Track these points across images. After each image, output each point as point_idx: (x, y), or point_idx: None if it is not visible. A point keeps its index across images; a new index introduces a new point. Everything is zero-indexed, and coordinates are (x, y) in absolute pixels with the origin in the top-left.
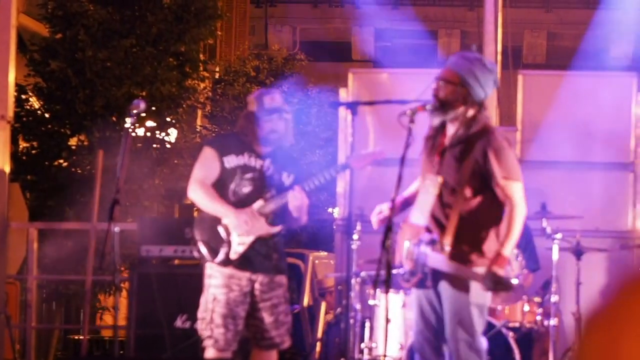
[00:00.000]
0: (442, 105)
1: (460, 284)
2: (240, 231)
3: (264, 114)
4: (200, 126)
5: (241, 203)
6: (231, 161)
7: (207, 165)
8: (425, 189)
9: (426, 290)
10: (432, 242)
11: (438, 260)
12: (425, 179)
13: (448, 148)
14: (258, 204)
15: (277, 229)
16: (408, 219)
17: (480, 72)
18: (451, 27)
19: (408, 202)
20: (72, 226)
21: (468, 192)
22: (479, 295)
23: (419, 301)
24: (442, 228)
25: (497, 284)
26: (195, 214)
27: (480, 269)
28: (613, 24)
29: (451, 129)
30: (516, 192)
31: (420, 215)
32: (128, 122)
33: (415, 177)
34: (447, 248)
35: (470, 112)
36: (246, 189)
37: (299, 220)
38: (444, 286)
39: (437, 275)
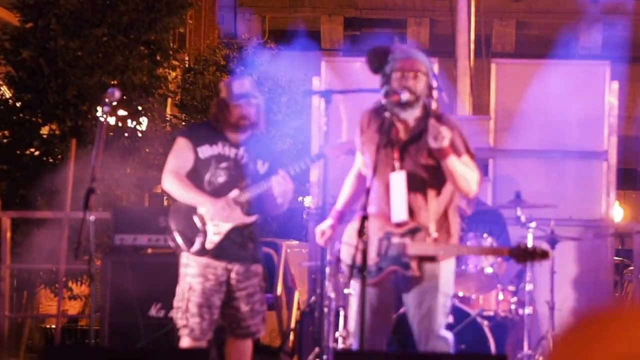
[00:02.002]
0: (417, 98)
1: (431, 272)
2: (219, 218)
3: (233, 99)
4: (171, 115)
5: (217, 193)
6: (205, 151)
7: (181, 156)
8: (394, 186)
9: (377, 288)
10: (413, 231)
11: (426, 247)
12: (391, 177)
13: (409, 141)
14: (234, 193)
15: (252, 218)
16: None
17: (429, 60)
18: (420, 15)
19: (350, 204)
20: (46, 215)
21: (437, 178)
22: (446, 283)
23: (369, 298)
24: (421, 216)
25: (530, 254)
26: (165, 202)
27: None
28: (582, 13)
29: (407, 122)
30: (477, 171)
31: (401, 212)
32: (102, 111)
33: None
34: (435, 234)
35: (427, 103)
36: (221, 178)
37: (281, 207)
38: (411, 276)
39: (418, 265)
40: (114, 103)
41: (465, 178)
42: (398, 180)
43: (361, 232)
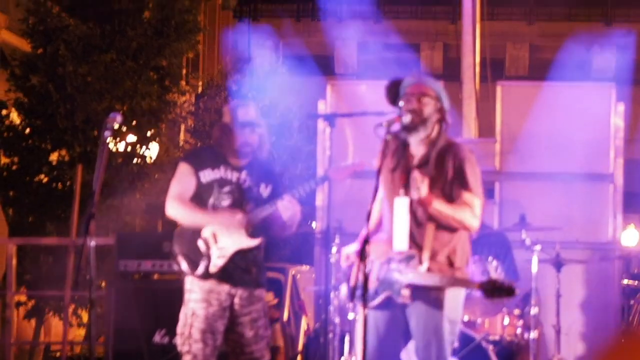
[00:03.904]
0: (424, 121)
1: (435, 299)
2: (228, 228)
3: (237, 127)
4: (183, 140)
5: None
6: (207, 175)
7: (183, 181)
8: (397, 212)
9: (386, 312)
10: (407, 259)
11: (417, 275)
12: (394, 202)
13: (417, 166)
14: (238, 217)
15: (256, 241)
16: (376, 238)
17: (441, 86)
18: (433, 40)
19: (376, 228)
20: (51, 242)
21: None
22: (453, 310)
23: (375, 322)
24: (418, 244)
25: (497, 290)
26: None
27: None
28: (595, 36)
29: (418, 147)
30: (476, 207)
31: (400, 239)
32: (105, 135)
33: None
34: (426, 263)
35: (438, 128)
36: (225, 202)
37: (290, 229)
38: (417, 305)
39: (411, 293)
40: (120, 128)
41: (455, 219)
42: (401, 206)
43: (362, 255)
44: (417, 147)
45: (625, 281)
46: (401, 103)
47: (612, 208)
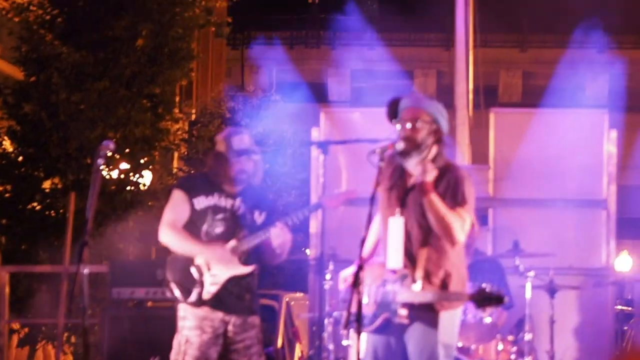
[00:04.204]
0: (417, 147)
1: (429, 321)
2: (219, 262)
3: (232, 155)
4: (177, 168)
5: (214, 243)
6: (201, 202)
7: (176, 208)
8: (392, 231)
9: (384, 336)
10: (402, 278)
11: (411, 294)
12: (389, 221)
13: (413, 188)
14: (231, 243)
15: (250, 268)
16: (371, 262)
17: (440, 107)
18: (427, 67)
19: (374, 250)
20: (44, 269)
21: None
22: (447, 333)
23: (374, 346)
24: (413, 263)
25: (487, 300)
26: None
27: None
28: (588, 63)
29: (416, 167)
30: (467, 223)
31: (395, 258)
32: (98, 163)
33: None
34: (419, 282)
35: (435, 150)
36: (219, 229)
37: (280, 257)
38: (414, 325)
39: (408, 313)
40: (112, 155)
41: (445, 221)
42: (395, 225)
43: (355, 282)
44: (415, 167)
45: (619, 307)
46: (398, 126)
47: (606, 234)
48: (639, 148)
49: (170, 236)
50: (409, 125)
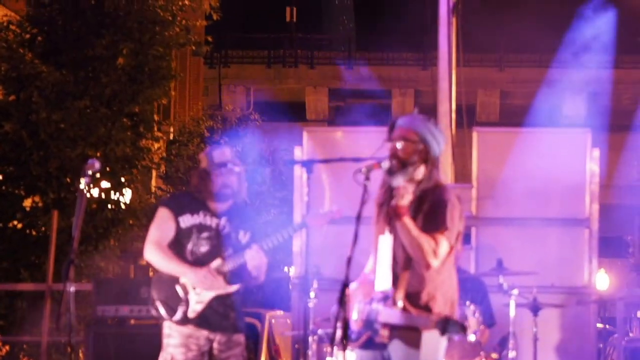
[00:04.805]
0: (403, 165)
1: (412, 341)
2: (202, 286)
3: (214, 169)
4: (155, 187)
5: (199, 262)
6: (187, 221)
7: (162, 226)
8: (381, 250)
9: (370, 352)
10: (385, 298)
11: (390, 314)
12: (379, 240)
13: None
14: (216, 262)
15: (235, 287)
16: (361, 281)
17: (434, 128)
18: (405, 86)
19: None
20: (27, 287)
21: None
22: (430, 354)
23: None
24: (396, 283)
25: (450, 326)
26: (151, 274)
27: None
28: (566, 82)
29: (406, 186)
30: (442, 247)
31: (384, 279)
32: (83, 182)
33: (371, 235)
34: (400, 303)
35: (423, 170)
36: (204, 248)
37: (257, 279)
38: (395, 344)
39: (389, 333)
40: (95, 174)
41: (418, 245)
42: (384, 244)
43: (341, 300)
44: (404, 187)
45: (599, 325)
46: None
47: (588, 252)
48: (623, 167)
49: (155, 255)
50: (396, 144)
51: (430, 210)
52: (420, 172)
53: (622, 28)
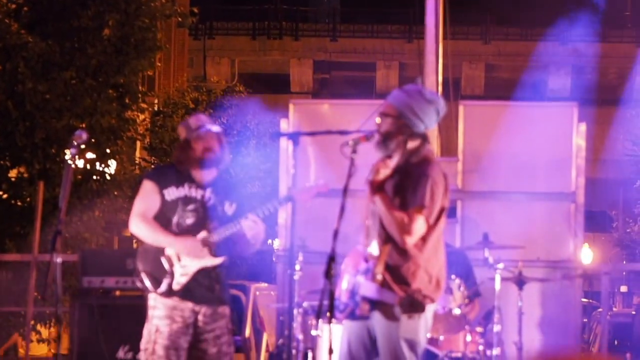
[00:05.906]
0: (384, 139)
1: (391, 316)
2: (188, 255)
3: (192, 134)
4: (140, 158)
5: (185, 234)
6: (172, 193)
7: (147, 199)
8: (370, 219)
9: (356, 323)
10: (366, 271)
11: (368, 287)
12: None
13: (388, 179)
14: (202, 234)
15: (220, 259)
16: (353, 252)
17: (417, 104)
18: (390, 59)
19: None
20: (13, 258)
21: None
22: (410, 330)
23: (348, 334)
24: (377, 257)
25: (410, 306)
26: (135, 245)
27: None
28: (551, 56)
29: (394, 159)
30: (415, 223)
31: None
32: (69, 153)
33: (357, 208)
34: (379, 276)
35: (412, 144)
36: (189, 220)
37: (253, 247)
38: (376, 318)
39: (369, 306)
40: (82, 145)
41: (390, 222)
42: (373, 212)
43: (328, 273)
44: (383, 162)
45: (584, 299)
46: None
47: (574, 227)
48: (608, 141)
49: (140, 227)
50: (377, 119)
51: (410, 185)
52: (407, 145)
53: (608, 2)
